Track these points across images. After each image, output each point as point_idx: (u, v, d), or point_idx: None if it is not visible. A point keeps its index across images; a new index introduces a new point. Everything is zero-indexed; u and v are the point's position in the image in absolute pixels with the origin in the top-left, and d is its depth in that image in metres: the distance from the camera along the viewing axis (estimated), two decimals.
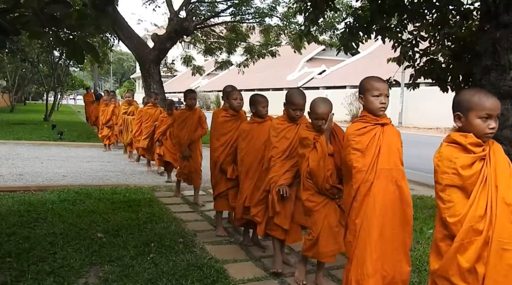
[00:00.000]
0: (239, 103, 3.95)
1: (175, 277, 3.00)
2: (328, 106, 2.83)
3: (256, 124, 3.56)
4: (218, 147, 3.99)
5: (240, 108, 3.99)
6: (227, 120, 3.97)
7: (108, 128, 10.04)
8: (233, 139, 3.90)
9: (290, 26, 13.17)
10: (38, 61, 19.70)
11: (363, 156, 2.36)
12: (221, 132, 3.99)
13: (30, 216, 4.36)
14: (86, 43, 2.80)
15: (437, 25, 5.60)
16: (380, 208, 2.34)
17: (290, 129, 3.16)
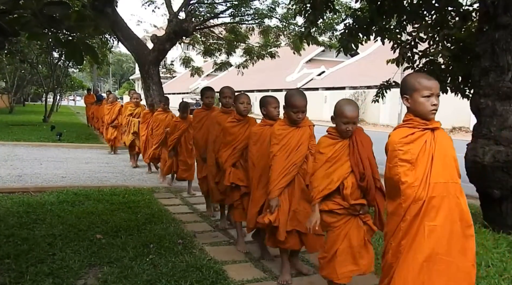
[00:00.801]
0: (246, 107, 3.74)
1: (174, 278, 3.00)
2: (357, 108, 2.57)
3: (268, 127, 3.32)
4: (223, 153, 3.77)
5: (247, 113, 3.76)
6: (234, 125, 3.74)
7: (114, 128, 9.64)
8: (241, 145, 3.69)
9: (289, 27, 13.18)
10: (37, 62, 19.67)
11: (413, 168, 2.02)
12: (228, 137, 3.76)
13: (29, 217, 4.35)
14: (85, 44, 2.80)
15: (436, 27, 5.60)
16: (433, 230, 2.00)
17: (293, 134, 2.99)
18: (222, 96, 4.15)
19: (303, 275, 3.26)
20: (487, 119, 4.62)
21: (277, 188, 2.97)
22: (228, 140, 3.75)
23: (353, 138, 2.54)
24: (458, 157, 2.14)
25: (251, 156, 3.39)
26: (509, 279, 3.13)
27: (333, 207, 2.54)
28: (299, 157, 2.99)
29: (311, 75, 32.95)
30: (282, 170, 2.97)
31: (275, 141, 3.01)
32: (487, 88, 4.60)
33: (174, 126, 5.87)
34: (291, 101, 2.97)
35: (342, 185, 2.50)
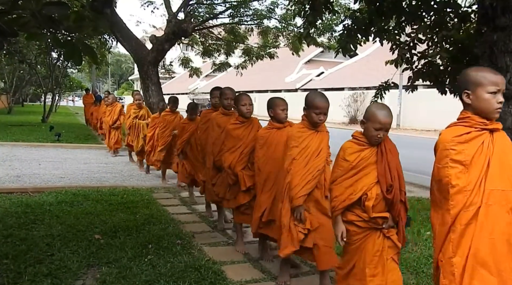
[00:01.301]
0: (249, 109, 3.61)
1: (173, 278, 3.00)
2: (391, 114, 2.37)
3: (275, 131, 3.24)
4: (228, 156, 3.65)
5: (250, 114, 3.66)
6: (237, 128, 3.63)
7: (116, 130, 9.32)
8: (248, 148, 3.57)
9: (288, 28, 13.20)
10: (36, 63, 19.65)
11: (467, 171, 1.82)
12: (232, 140, 3.64)
13: (27, 217, 4.35)
14: (84, 44, 2.80)
15: (435, 28, 5.61)
16: (489, 244, 1.79)
17: (312, 138, 2.83)
18: (224, 98, 4.04)
19: (301, 275, 3.26)
20: None
21: (301, 194, 2.77)
22: (232, 144, 3.63)
23: (382, 146, 2.33)
24: None
25: (257, 160, 3.29)
26: None
27: (352, 218, 2.36)
28: (320, 162, 2.81)
29: (310, 76, 32.97)
30: (305, 174, 2.77)
31: (294, 143, 2.81)
32: None
33: (182, 128, 5.44)
34: (314, 103, 2.80)
35: (364, 195, 2.30)
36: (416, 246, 3.90)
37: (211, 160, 4.04)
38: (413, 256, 3.64)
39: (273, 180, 3.18)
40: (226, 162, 3.64)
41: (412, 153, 10.29)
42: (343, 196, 2.34)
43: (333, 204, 2.40)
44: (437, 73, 5.83)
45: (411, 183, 7.23)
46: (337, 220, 2.40)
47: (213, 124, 4.05)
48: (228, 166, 3.63)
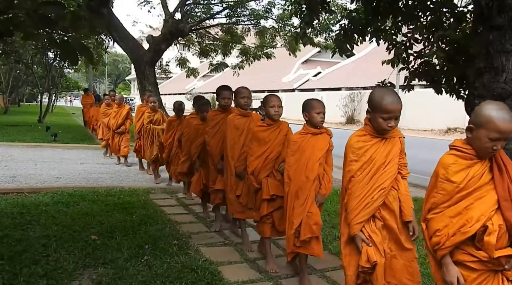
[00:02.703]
0: (277, 111, 3.31)
1: (169, 279, 2.99)
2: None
3: (310, 136, 2.93)
4: (252, 162, 3.36)
5: (278, 117, 3.35)
6: (263, 130, 3.35)
7: (120, 135, 8.22)
8: (273, 153, 3.30)
9: (285, 28, 13.22)
10: (32, 63, 19.58)
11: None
12: (257, 144, 3.35)
13: (23, 218, 4.33)
14: (80, 44, 2.79)
15: (431, 28, 5.63)
16: None
17: (378, 147, 2.25)
18: (240, 97, 3.74)
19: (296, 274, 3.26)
20: None
21: (357, 221, 2.23)
22: (257, 148, 3.35)
23: (498, 159, 1.82)
24: None
25: (288, 168, 2.98)
26: None
27: (463, 258, 1.82)
28: (386, 179, 2.23)
29: (307, 76, 33.01)
30: (364, 196, 2.22)
31: (353, 157, 2.26)
32: (481, 89, 4.63)
33: (195, 130, 4.68)
34: (381, 104, 2.18)
35: (483, 228, 1.77)
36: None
37: (232, 167, 3.68)
38: None
39: (307, 190, 2.88)
40: (250, 167, 3.35)
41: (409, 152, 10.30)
42: (450, 229, 1.81)
43: (437, 240, 1.85)
44: (433, 73, 5.84)
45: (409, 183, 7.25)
46: (446, 261, 1.84)
47: (231, 127, 3.70)
48: (251, 172, 3.35)
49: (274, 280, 3.16)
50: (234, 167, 3.65)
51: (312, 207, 2.90)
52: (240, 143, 3.63)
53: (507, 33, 4.40)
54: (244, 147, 3.58)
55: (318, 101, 3.00)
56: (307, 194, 2.88)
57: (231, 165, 3.68)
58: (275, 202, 3.29)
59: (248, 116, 3.71)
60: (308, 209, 2.88)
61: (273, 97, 3.38)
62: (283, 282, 3.15)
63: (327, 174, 3.01)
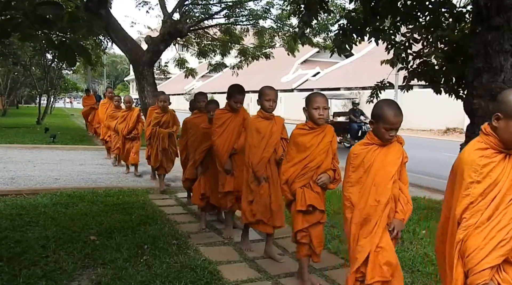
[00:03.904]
0: (322, 114, 2.87)
1: (169, 279, 2.99)
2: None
3: (377, 148, 2.33)
4: (287, 169, 2.97)
5: (323, 121, 2.94)
6: (304, 134, 2.93)
7: (131, 141, 7.30)
8: (315, 161, 2.89)
9: (283, 28, 13.23)
10: (31, 64, 19.54)
11: None
12: (296, 150, 2.95)
13: (22, 219, 4.32)
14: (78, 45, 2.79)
15: (430, 28, 5.64)
16: None
17: (504, 165, 1.73)
18: (265, 99, 3.42)
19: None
20: (480, 119, 4.64)
21: (486, 266, 1.65)
22: (295, 154, 2.95)
23: None
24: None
25: (349, 189, 2.36)
26: None
27: None
28: None
29: (306, 76, 33.02)
30: (492, 230, 1.67)
31: (474, 176, 1.70)
32: (480, 89, 4.64)
33: (202, 134, 4.36)
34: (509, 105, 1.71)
35: None
36: (411, 244, 3.91)
37: (250, 172, 3.47)
38: (409, 254, 3.65)
39: (377, 217, 2.26)
40: (285, 174, 2.99)
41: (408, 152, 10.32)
42: None
43: None
44: (432, 73, 5.86)
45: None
46: None
47: (251, 130, 3.47)
48: (285, 180, 2.98)
49: (273, 279, 3.16)
50: (254, 171, 3.43)
51: (384, 239, 2.26)
52: (261, 147, 3.41)
53: (506, 33, 4.42)
54: (265, 151, 3.41)
55: (393, 105, 2.34)
56: (377, 221, 2.26)
57: (249, 170, 3.46)
58: (312, 216, 2.92)
59: (271, 119, 3.49)
60: (378, 242, 2.25)
61: (318, 97, 2.93)
62: (282, 281, 3.15)
63: (403, 193, 2.38)
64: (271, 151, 3.44)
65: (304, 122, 3.03)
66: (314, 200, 2.88)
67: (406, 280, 3.13)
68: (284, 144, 3.48)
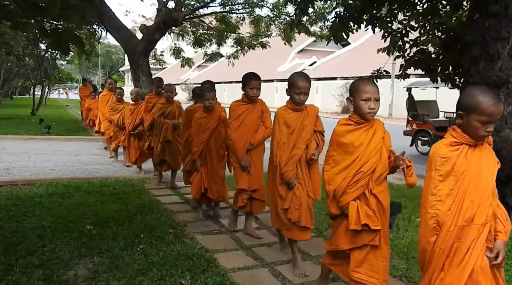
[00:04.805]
0: (373, 109, 2.35)
1: (165, 267, 2.99)
2: None
3: (468, 149, 1.88)
4: (336, 175, 2.39)
5: (373, 116, 2.42)
6: (351, 130, 2.39)
7: (136, 138, 6.63)
8: (368, 164, 2.33)
9: (280, 17, 13.12)
10: (24, 55, 19.32)
11: None
12: (342, 151, 2.40)
13: (17, 210, 4.30)
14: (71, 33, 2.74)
15: (427, 15, 5.61)
16: None
17: None
18: (295, 91, 2.97)
19: None
20: None
21: None
22: (341, 156, 2.38)
23: None
24: None
25: (435, 205, 1.85)
26: None
27: None
28: None
29: (303, 66, 32.90)
30: None
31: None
32: (477, 77, 4.63)
33: (198, 125, 4.18)
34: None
35: None
36: (407, 232, 3.94)
37: (278, 172, 3.06)
38: (404, 242, 3.67)
39: (470, 240, 1.81)
40: (331, 184, 2.41)
41: (405, 142, 10.35)
42: None
43: None
44: (428, 61, 5.84)
45: None
46: None
47: (279, 124, 3.05)
48: (332, 191, 2.40)
49: (270, 267, 3.18)
50: (282, 172, 3.00)
51: (482, 271, 1.78)
52: (290, 143, 2.99)
53: (503, 20, 4.40)
54: (296, 148, 2.99)
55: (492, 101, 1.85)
56: (472, 246, 1.79)
57: (278, 169, 3.03)
58: (361, 236, 2.34)
59: (302, 110, 3.05)
60: (477, 278, 1.78)
61: (368, 85, 2.41)
62: (278, 268, 3.16)
63: (501, 209, 1.91)
64: (302, 148, 2.99)
65: (342, 115, 2.85)
66: (370, 218, 2.31)
67: (401, 266, 3.16)
68: (319, 137, 3.10)
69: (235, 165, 3.73)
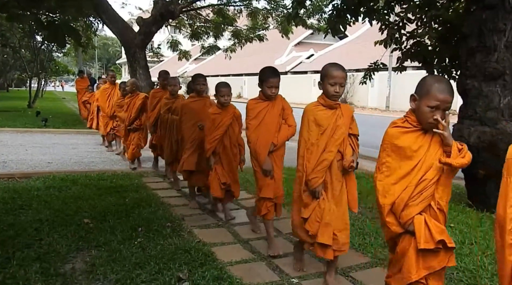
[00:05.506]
0: (445, 109, 1.99)
1: (163, 260, 3.00)
2: None
3: None
4: (392, 186, 2.01)
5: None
6: (407, 132, 2.03)
7: (134, 133, 6.31)
8: (430, 172, 1.96)
9: (277, 9, 13.06)
10: (20, 47, 19.20)
11: None
12: (397, 156, 2.03)
13: (15, 203, 4.30)
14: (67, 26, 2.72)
15: (424, 7, 5.59)
16: None
17: None
18: (328, 81, 2.68)
19: None
20: (473, 100, 4.66)
21: None
22: (398, 163, 2.02)
23: None
24: None
25: None
26: (491, 256, 3.20)
27: None
28: None
29: (300, 59, 32.82)
30: None
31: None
32: (473, 69, 4.63)
33: (212, 121, 3.89)
34: None
35: None
36: None
37: (303, 178, 2.71)
38: None
39: None
40: (388, 196, 2.02)
41: None
42: None
43: None
44: (425, 53, 5.84)
45: None
46: None
47: (308, 122, 2.69)
48: (389, 205, 2.01)
49: (267, 260, 3.19)
50: (308, 179, 2.64)
51: None
52: (320, 145, 2.61)
53: (500, 12, 4.39)
54: (326, 152, 2.61)
55: None
56: None
57: (304, 175, 2.68)
58: (437, 258, 1.96)
59: (336, 108, 2.67)
60: None
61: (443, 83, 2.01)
62: (276, 261, 3.18)
63: None
64: (334, 152, 2.60)
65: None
66: (444, 232, 1.95)
67: None
68: (354, 142, 2.74)
69: (256, 169, 3.31)
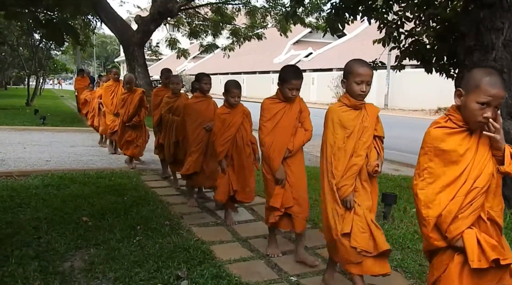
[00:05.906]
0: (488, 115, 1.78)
1: (162, 259, 3.01)
2: None
3: None
4: (436, 196, 1.81)
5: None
6: (452, 134, 1.83)
7: (131, 130, 6.17)
8: (481, 180, 1.78)
9: (276, 8, 13.05)
10: (18, 45, 19.14)
11: None
12: (441, 163, 1.83)
13: (13, 201, 4.30)
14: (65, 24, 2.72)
15: (422, 6, 5.60)
16: None
17: None
18: (354, 79, 2.45)
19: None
20: None
21: None
22: (441, 169, 1.82)
23: None
24: None
25: None
26: None
27: None
28: None
29: (299, 57, 32.83)
30: None
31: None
32: (471, 67, 4.64)
33: (222, 121, 3.73)
34: None
35: None
36: (402, 222, 3.97)
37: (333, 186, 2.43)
38: (399, 232, 3.71)
39: None
40: (432, 207, 1.81)
41: (400, 132, 10.40)
42: None
43: None
44: (423, 52, 5.85)
45: (398, 161, 7.38)
46: None
47: (333, 124, 2.45)
48: (435, 217, 1.81)
49: (266, 258, 3.20)
50: (338, 187, 2.39)
51: None
52: (348, 149, 2.39)
53: (498, 11, 4.40)
54: (355, 157, 2.39)
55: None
56: None
57: (333, 183, 2.41)
58: (486, 277, 1.77)
59: (361, 109, 2.47)
60: None
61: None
62: (274, 260, 3.19)
63: None
64: (363, 156, 2.40)
65: None
66: (496, 249, 1.74)
67: (396, 256, 3.20)
68: (379, 144, 2.51)
69: (268, 176, 3.10)
